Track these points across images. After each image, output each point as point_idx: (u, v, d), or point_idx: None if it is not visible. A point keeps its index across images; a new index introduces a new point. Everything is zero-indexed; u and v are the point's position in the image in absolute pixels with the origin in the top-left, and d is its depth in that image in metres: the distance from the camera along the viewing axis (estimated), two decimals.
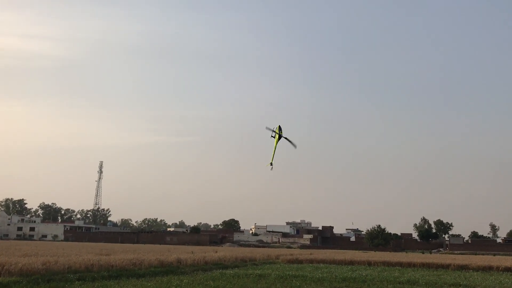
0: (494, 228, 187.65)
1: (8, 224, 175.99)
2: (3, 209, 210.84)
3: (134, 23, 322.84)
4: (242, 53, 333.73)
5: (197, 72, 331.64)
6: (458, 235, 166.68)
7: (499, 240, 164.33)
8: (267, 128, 28.19)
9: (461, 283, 26.76)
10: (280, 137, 27.74)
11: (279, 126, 27.94)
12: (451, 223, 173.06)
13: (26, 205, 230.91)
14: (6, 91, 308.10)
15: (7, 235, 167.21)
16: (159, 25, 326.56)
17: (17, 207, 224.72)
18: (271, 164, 28.17)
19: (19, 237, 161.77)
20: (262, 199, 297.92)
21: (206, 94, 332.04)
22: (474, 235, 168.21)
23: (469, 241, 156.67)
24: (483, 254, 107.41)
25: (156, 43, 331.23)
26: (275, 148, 27.25)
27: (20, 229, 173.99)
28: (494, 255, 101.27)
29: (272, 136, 28.31)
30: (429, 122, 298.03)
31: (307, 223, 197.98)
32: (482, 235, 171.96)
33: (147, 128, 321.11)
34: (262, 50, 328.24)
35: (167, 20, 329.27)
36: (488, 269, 41.83)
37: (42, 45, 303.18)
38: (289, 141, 27.81)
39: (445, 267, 43.30)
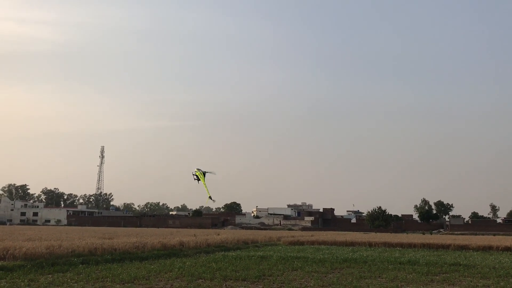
0: (494, 209, 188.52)
1: (12, 210, 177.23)
2: (6, 195, 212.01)
3: (134, 6, 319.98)
4: (244, 36, 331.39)
5: (198, 56, 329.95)
6: (459, 216, 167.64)
7: (499, 221, 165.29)
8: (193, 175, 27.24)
9: (461, 262, 27.03)
10: (203, 174, 27.14)
11: (197, 169, 27.21)
12: (452, 204, 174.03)
13: (28, 191, 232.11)
14: (6, 76, 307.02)
15: (10, 220, 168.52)
16: (159, 7, 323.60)
17: (20, 193, 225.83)
18: (210, 197, 27.60)
19: (23, 222, 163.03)
20: (263, 182, 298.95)
21: (207, 78, 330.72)
22: (475, 215, 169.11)
23: (470, 222, 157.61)
24: (483, 234, 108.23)
25: (156, 26, 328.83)
26: (205, 186, 26.79)
27: (23, 214, 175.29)
28: (494, 235, 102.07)
29: (195, 179, 27.51)
30: (428, 103, 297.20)
31: (308, 206, 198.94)
32: (483, 216, 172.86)
33: (148, 113, 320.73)
34: (265, 33, 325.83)
35: (167, 2, 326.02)
36: (488, 249, 42.20)
37: (41, 29, 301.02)
38: (209, 172, 27.17)
39: (446, 247, 43.67)
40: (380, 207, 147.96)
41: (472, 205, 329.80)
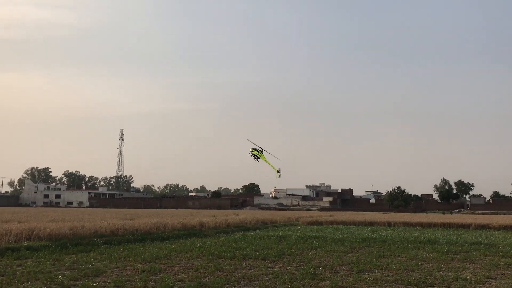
0: None
1: (35, 192, 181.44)
2: (29, 178, 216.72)
3: None
4: (259, 17, 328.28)
5: (214, 37, 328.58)
6: (480, 195, 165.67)
7: None
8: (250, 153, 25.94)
9: (482, 241, 26.81)
10: (261, 151, 26.06)
11: (252, 149, 26.12)
12: (472, 183, 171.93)
13: (51, 173, 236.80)
14: (25, 61, 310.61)
15: (34, 202, 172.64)
16: None
17: (42, 176, 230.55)
18: (278, 171, 26.64)
19: (46, 204, 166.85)
20: (281, 163, 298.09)
21: (224, 60, 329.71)
22: (496, 195, 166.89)
23: (491, 201, 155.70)
24: (504, 214, 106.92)
25: (173, 7, 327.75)
26: (268, 162, 25.68)
27: (46, 196, 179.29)
28: None
29: (255, 159, 26.49)
30: (448, 80, 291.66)
31: (327, 186, 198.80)
32: (504, 195, 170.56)
33: (166, 95, 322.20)
34: (278, 13, 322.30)
35: None
36: (509, 228, 41.71)
37: (60, 13, 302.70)
38: (260, 149, 25.71)
39: (466, 226, 43.34)
40: (399, 187, 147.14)
41: (493, 184, 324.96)
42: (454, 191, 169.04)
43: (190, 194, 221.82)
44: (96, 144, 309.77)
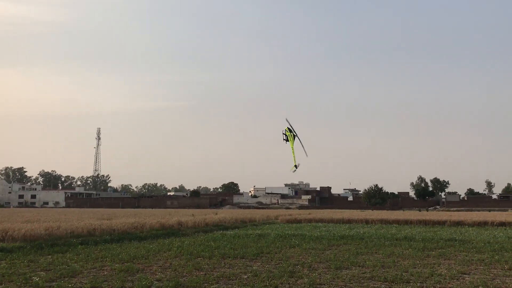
0: (489, 185, 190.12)
1: (9, 192, 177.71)
2: (3, 178, 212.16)
3: None
4: (239, 14, 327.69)
5: (190, 35, 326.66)
6: (455, 193, 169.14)
7: (494, 197, 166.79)
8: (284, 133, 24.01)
9: (457, 238, 27.34)
10: (294, 137, 24.25)
11: (287, 128, 24.19)
12: (448, 181, 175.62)
13: (26, 173, 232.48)
14: (1, 58, 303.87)
15: (8, 203, 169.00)
16: None
17: (17, 175, 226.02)
18: (296, 166, 24.99)
19: (21, 205, 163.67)
20: (260, 161, 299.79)
21: (203, 57, 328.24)
22: (470, 192, 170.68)
23: (465, 198, 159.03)
24: (478, 211, 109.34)
25: (151, 4, 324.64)
26: (293, 151, 23.98)
27: (21, 197, 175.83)
28: (490, 210, 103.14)
29: (284, 139, 24.65)
30: (425, 78, 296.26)
31: (305, 184, 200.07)
32: (478, 192, 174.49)
33: (143, 93, 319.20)
34: (259, 10, 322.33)
35: None
36: (483, 224, 42.63)
37: (35, 9, 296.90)
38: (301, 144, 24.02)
39: (441, 223, 44.11)
40: (376, 185, 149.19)
41: (468, 182, 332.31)
42: (430, 189, 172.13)
43: (168, 193, 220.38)
44: (73, 143, 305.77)
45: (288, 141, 23.19)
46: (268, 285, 12.57)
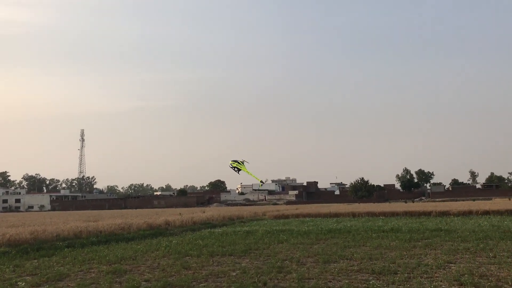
0: (473, 175, 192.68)
1: None
2: None
3: None
4: (219, 10, 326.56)
5: (173, 34, 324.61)
6: (439, 183, 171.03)
7: (478, 186, 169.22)
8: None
9: (442, 228, 27.67)
10: (242, 162, 24.82)
11: (232, 161, 24.88)
12: (432, 172, 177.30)
13: (9, 177, 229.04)
14: None
15: None
16: None
17: (0, 180, 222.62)
18: (262, 182, 25.56)
19: (5, 210, 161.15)
20: (246, 158, 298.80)
21: (186, 56, 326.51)
22: (455, 182, 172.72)
23: (450, 189, 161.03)
24: (463, 200, 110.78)
25: (129, 4, 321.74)
26: (250, 173, 24.42)
27: (5, 201, 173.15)
28: (474, 200, 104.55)
29: (235, 171, 25.25)
30: (407, 71, 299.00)
31: (292, 180, 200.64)
32: (462, 182, 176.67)
33: (127, 93, 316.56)
34: (245, 5, 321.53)
35: None
36: (468, 213, 43.24)
37: (16, 11, 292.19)
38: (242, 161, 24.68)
39: (427, 214, 44.61)
40: (362, 178, 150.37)
41: (452, 172, 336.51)
42: (415, 180, 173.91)
43: (155, 193, 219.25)
44: (56, 146, 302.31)
45: (240, 169, 23.57)
46: (257, 281, 12.58)
